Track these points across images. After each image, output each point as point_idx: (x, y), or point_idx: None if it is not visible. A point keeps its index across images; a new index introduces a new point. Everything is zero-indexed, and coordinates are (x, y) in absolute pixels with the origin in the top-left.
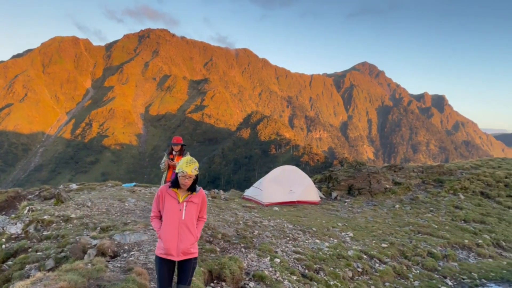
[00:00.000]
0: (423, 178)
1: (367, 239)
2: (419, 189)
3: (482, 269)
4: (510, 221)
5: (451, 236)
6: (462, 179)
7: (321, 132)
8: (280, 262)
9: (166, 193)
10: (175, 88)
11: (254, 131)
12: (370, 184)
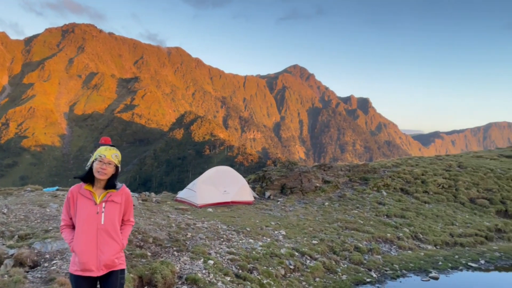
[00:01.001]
0: (350, 176)
1: (299, 236)
2: (346, 187)
3: (402, 260)
4: (426, 215)
5: (375, 230)
6: (385, 177)
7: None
8: (214, 264)
9: (79, 194)
10: (102, 87)
11: (187, 131)
12: (301, 183)
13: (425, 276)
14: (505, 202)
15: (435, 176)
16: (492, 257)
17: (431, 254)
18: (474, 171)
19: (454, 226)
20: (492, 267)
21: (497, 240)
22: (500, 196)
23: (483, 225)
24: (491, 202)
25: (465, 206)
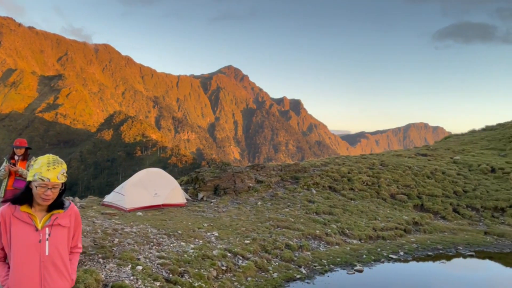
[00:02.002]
0: (282, 176)
1: (232, 237)
2: (278, 186)
3: (330, 255)
4: (352, 211)
5: (305, 228)
6: (314, 176)
7: (189, 133)
8: (143, 269)
9: (13, 217)
10: (22, 84)
11: (117, 132)
12: (235, 184)
13: (350, 270)
14: (421, 197)
15: (360, 174)
16: (410, 248)
17: (356, 248)
18: (394, 168)
19: (377, 221)
20: (410, 258)
21: (414, 232)
22: (417, 191)
23: (402, 219)
24: (409, 197)
25: (386, 202)
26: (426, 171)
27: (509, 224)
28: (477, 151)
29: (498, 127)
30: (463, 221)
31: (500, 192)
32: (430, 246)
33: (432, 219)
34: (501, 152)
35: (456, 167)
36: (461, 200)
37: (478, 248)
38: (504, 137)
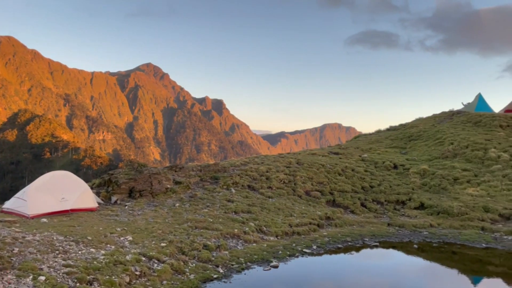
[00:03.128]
0: (202, 176)
1: (147, 240)
2: (197, 186)
3: (247, 253)
4: (270, 209)
5: (223, 227)
6: (234, 175)
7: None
8: (46, 280)
9: None
10: None
11: (22, 132)
12: (151, 185)
13: (267, 266)
14: (333, 193)
15: (278, 172)
16: (323, 242)
17: (273, 245)
18: (309, 167)
19: (293, 217)
20: (322, 251)
21: (327, 226)
22: (329, 188)
23: (316, 215)
24: (322, 194)
25: (302, 199)
26: (337, 169)
27: (408, 215)
28: (382, 150)
29: (400, 127)
30: (370, 214)
31: (401, 187)
32: (340, 239)
33: (343, 213)
34: (402, 150)
35: (364, 165)
36: (368, 195)
37: (382, 238)
38: (405, 136)
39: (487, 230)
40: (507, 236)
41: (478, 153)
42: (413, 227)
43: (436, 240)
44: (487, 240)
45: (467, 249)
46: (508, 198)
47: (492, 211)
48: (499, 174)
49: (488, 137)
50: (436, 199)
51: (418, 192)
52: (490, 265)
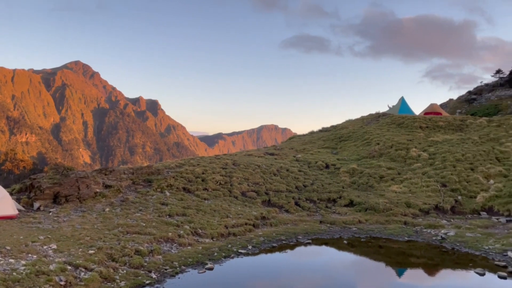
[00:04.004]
0: (134, 179)
1: (73, 248)
2: (129, 190)
3: (182, 257)
4: (206, 211)
5: (157, 231)
6: (168, 178)
7: (28, 135)
8: None
9: None
10: None
11: None
12: (79, 190)
13: (201, 269)
14: (268, 193)
15: (214, 174)
16: (258, 242)
17: (208, 247)
18: (245, 167)
19: (229, 218)
20: (257, 250)
21: (262, 226)
22: (265, 188)
23: (252, 215)
24: (258, 194)
25: (238, 199)
26: (273, 169)
27: (339, 213)
28: (315, 150)
29: (331, 128)
30: (303, 213)
31: (332, 185)
32: (275, 238)
33: (278, 213)
34: (333, 150)
35: (298, 165)
36: (301, 194)
37: (315, 236)
38: (336, 137)
39: (409, 224)
40: (426, 229)
41: (401, 153)
42: (343, 224)
43: (364, 235)
44: (409, 234)
45: (392, 242)
46: (427, 194)
47: (413, 206)
48: (419, 172)
49: (410, 138)
50: (364, 196)
51: (348, 190)
52: (412, 257)
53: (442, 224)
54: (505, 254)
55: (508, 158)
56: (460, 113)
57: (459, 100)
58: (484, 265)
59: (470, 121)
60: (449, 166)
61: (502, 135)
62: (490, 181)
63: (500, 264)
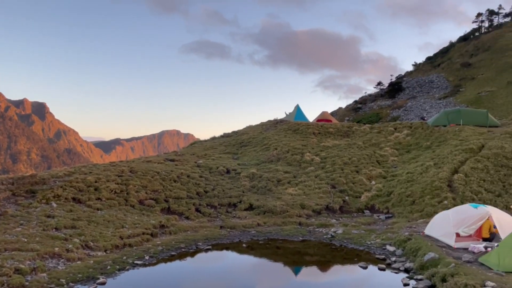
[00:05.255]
0: (14, 190)
1: None
2: (9, 202)
3: (70, 273)
4: (98, 222)
5: (41, 247)
6: (55, 187)
7: None
8: None
9: None
10: None
11: None
12: None
13: (92, 284)
14: (168, 201)
15: (108, 182)
16: (156, 251)
17: (101, 260)
18: (143, 175)
19: (124, 229)
20: (155, 260)
21: (161, 235)
22: (164, 195)
23: (150, 224)
24: (157, 202)
25: (135, 208)
26: (173, 176)
27: (239, 217)
28: (216, 155)
29: (232, 134)
30: (204, 219)
31: (233, 190)
32: (174, 246)
33: (178, 220)
34: (234, 156)
35: (199, 170)
36: (202, 200)
37: (215, 241)
38: (237, 142)
39: (303, 224)
40: (318, 228)
41: (296, 157)
42: (243, 228)
43: (262, 238)
44: (303, 234)
45: (288, 243)
46: (319, 195)
47: (307, 208)
48: (312, 175)
49: (304, 143)
50: (263, 199)
51: (248, 194)
52: (306, 255)
53: (332, 223)
54: (384, 248)
55: (386, 161)
56: (348, 120)
57: (347, 109)
58: (367, 259)
59: (356, 128)
60: (338, 169)
61: (381, 141)
62: (372, 182)
63: (380, 257)
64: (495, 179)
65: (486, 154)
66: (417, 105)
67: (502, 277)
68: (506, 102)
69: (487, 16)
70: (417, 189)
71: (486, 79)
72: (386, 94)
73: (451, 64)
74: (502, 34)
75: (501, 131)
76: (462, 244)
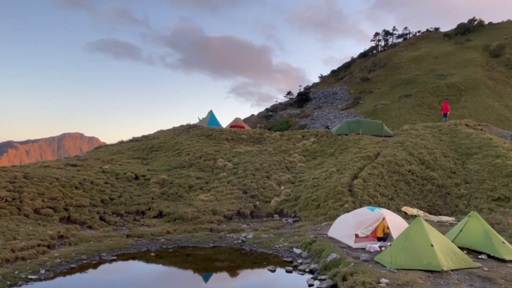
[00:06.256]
0: None
1: None
2: None
3: None
4: None
5: None
6: None
7: None
8: None
9: None
10: None
11: None
12: None
13: None
14: (68, 209)
15: None
16: (53, 264)
17: None
18: (40, 181)
19: (17, 240)
20: (52, 274)
21: (59, 246)
22: (64, 203)
23: (46, 234)
24: (55, 210)
25: (29, 218)
26: (74, 182)
27: (148, 225)
28: (124, 160)
29: (142, 138)
30: (109, 228)
31: (142, 197)
32: (74, 258)
33: (79, 230)
34: (144, 161)
35: (104, 176)
36: (107, 208)
37: (121, 251)
38: (147, 147)
39: (214, 230)
40: (229, 234)
41: (209, 163)
42: (151, 236)
43: (172, 246)
44: (214, 240)
45: (198, 250)
46: (231, 201)
47: (219, 213)
48: (225, 181)
49: (217, 149)
50: (174, 206)
51: (158, 201)
52: (217, 262)
53: (243, 228)
54: (291, 251)
55: (294, 167)
56: (260, 127)
57: (259, 116)
58: (276, 262)
59: (267, 135)
60: (250, 174)
61: (290, 147)
62: (282, 187)
63: (288, 260)
64: (388, 184)
65: (381, 161)
66: (323, 114)
67: (394, 274)
68: (398, 114)
69: (383, 36)
70: (321, 193)
71: (381, 93)
72: (295, 104)
73: (352, 78)
74: (395, 53)
75: (394, 140)
76: (360, 245)
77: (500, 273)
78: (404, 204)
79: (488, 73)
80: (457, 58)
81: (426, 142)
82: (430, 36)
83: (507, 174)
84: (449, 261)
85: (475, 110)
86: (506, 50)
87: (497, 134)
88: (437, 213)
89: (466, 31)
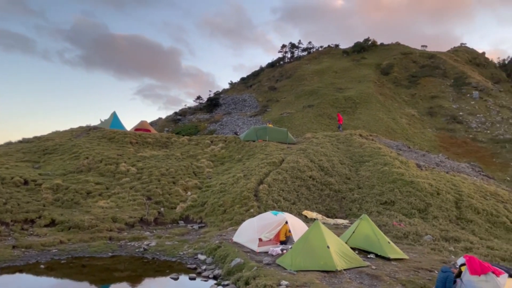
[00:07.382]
0: None
1: None
2: None
3: None
4: None
5: None
6: None
7: None
8: None
9: None
10: None
11: None
12: None
13: None
14: None
15: None
16: None
17: None
18: None
19: None
20: None
21: None
22: None
23: None
24: None
25: None
26: None
27: (38, 234)
28: (11, 163)
29: (34, 139)
30: None
31: (31, 204)
32: None
33: None
34: (35, 164)
35: None
36: None
37: (5, 264)
38: (40, 149)
39: (114, 239)
40: (130, 242)
41: (110, 167)
42: (41, 246)
43: (65, 256)
44: (113, 249)
45: (95, 260)
46: (134, 207)
47: (120, 221)
48: (127, 186)
49: (120, 152)
50: (68, 214)
51: (50, 209)
52: (116, 272)
53: (146, 236)
54: (195, 257)
55: (202, 172)
56: (168, 131)
57: (167, 119)
58: (179, 269)
59: (175, 139)
60: (155, 180)
61: (198, 152)
62: (188, 192)
63: (192, 267)
64: (291, 189)
65: (285, 167)
66: (232, 120)
67: (294, 276)
68: (301, 123)
69: (289, 48)
70: (228, 199)
71: (287, 102)
72: (205, 108)
73: (261, 87)
74: (300, 66)
75: (297, 147)
76: (264, 248)
77: (386, 271)
78: (305, 208)
79: (379, 89)
80: (353, 73)
81: (325, 150)
82: (331, 51)
83: (392, 180)
84: (343, 261)
85: (367, 121)
86: (394, 69)
87: (385, 144)
88: (334, 216)
89: (362, 49)
